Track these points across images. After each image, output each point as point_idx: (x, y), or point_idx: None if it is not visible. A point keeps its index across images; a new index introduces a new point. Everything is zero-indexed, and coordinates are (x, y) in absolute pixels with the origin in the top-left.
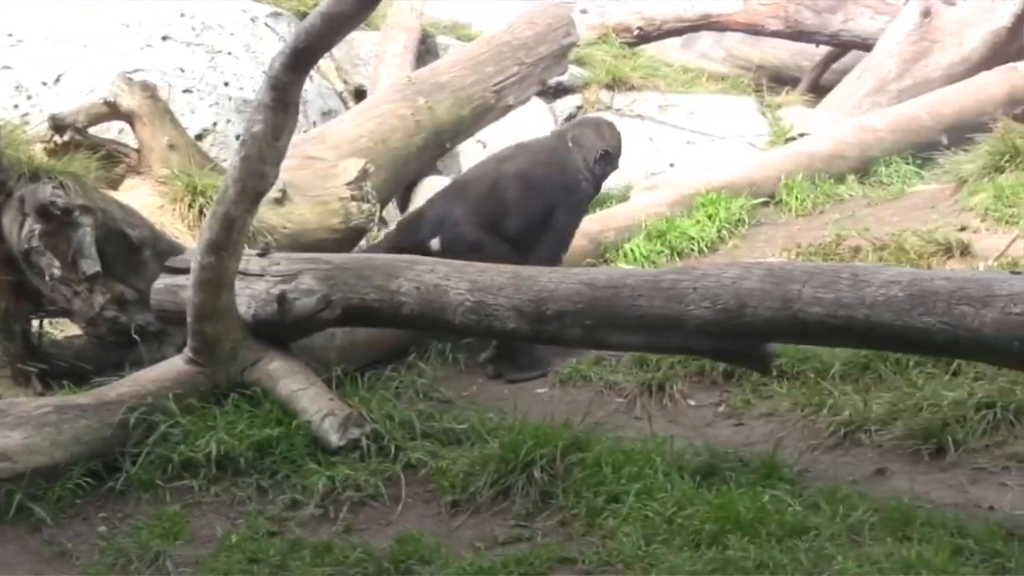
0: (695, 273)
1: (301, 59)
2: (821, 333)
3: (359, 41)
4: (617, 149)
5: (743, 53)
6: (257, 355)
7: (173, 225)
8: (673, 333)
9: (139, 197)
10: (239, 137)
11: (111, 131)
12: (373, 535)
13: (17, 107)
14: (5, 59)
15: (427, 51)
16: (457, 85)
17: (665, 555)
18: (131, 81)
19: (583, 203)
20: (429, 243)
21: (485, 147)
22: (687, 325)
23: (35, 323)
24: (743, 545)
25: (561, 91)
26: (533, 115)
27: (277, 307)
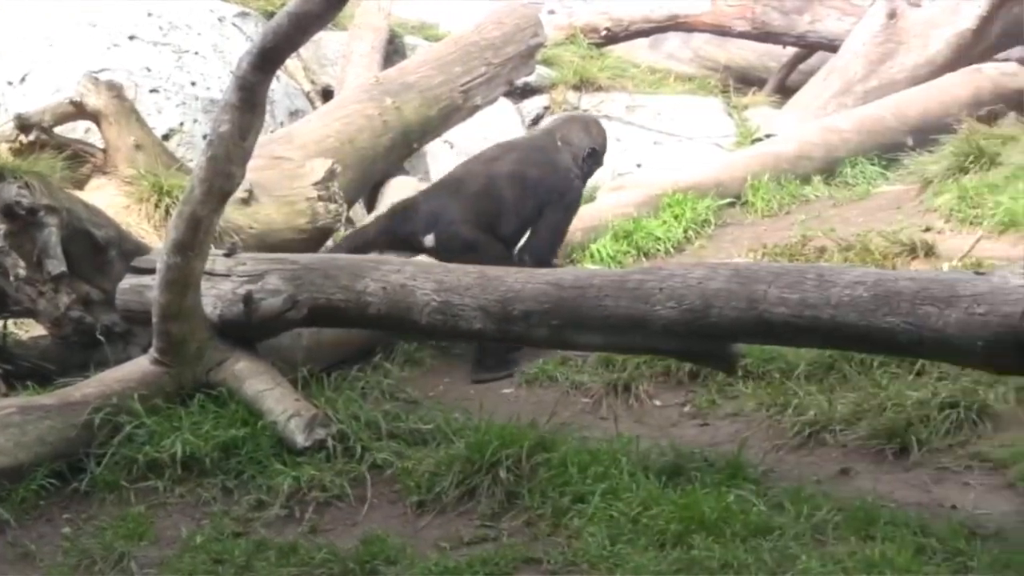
0: (661, 273)
1: (268, 59)
2: (786, 333)
3: (326, 41)
4: (603, 147)
5: (710, 54)
6: (223, 355)
7: (139, 225)
8: (639, 333)
9: (105, 197)
10: (206, 137)
11: (77, 131)
12: (339, 535)
13: None
14: None
15: (395, 51)
16: (424, 85)
17: (630, 555)
18: (97, 81)
19: (576, 201)
20: (423, 238)
21: (452, 147)
22: (653, 325)
23: None
24: (708, 545)
25: (528, 91)
26: (500, 115)
27: (243, 307)
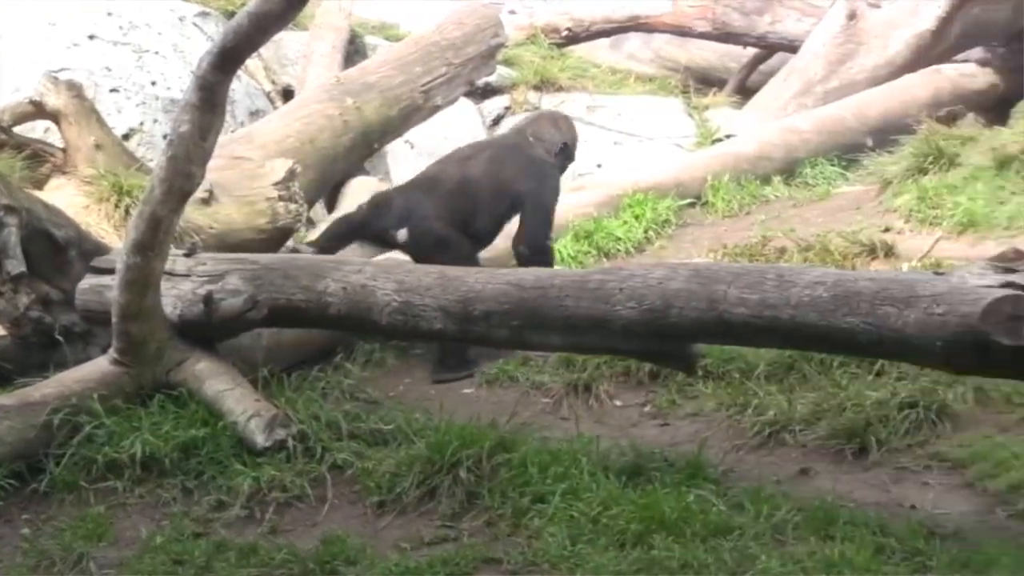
0: (622, 274)
1: (228, 59)
2: (746, 333)
3: (287, 41)
4: (574, 141)
5: (671, 54)
6: (183, 355)
7: (99, 225)
8: (599, 333)
9: (65, 197)
10: (166, 137)
11: (37, 130)
12: (299, 536)
13: None
14: None
15: (355, 51)
16: (385, 85)
17: (590, 555)
18: (57, 80)
19: (557, 187)
20: (395, 232)
21: (413, 148)
22: (613, 325)
23: None
24: (668, 545)
25: (489, 92)
26: (461, 116)
27: (203, 307)
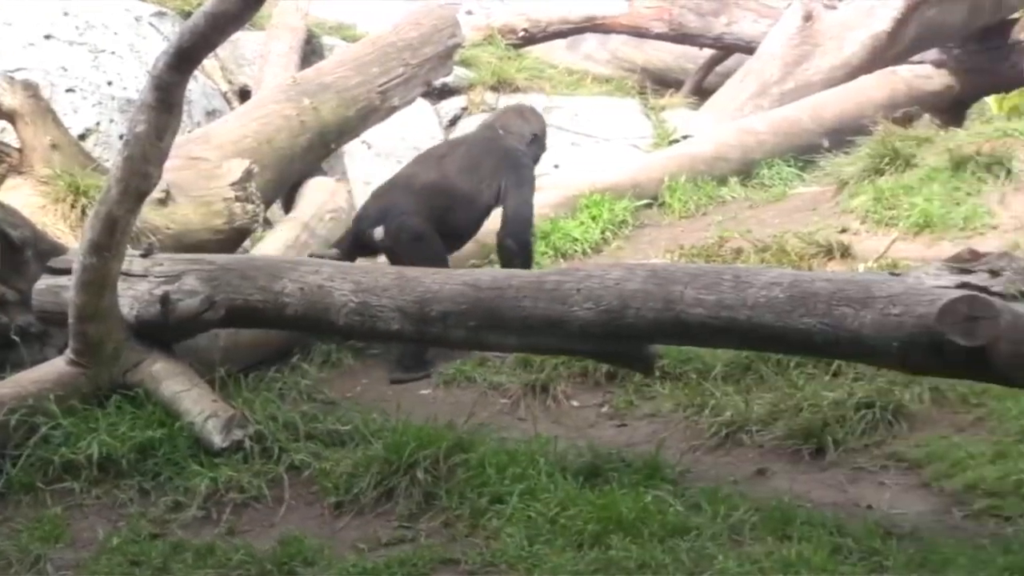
0: (579, 274)
1: (185, 59)
2: (703, 334)
3: (244, 41)
4: (544, 131)
5: (628, 55)
6: (140, 356)
7: (55, 225)
8: (557, 334)
9: (20, 197)
10: (122, 137)
11: None
12: (256, 537)
13: None
14: None
15: (312, 52)
16: (342, 86)
17: (548, 555)
18: (13, 80)
19: (533, 177)
20: (373, 231)
21: (370, 148)
22: (571, 326)
23: None
24: (625, 545)
25: (446, 92)
26: (418, 116)
27: (160, 308)
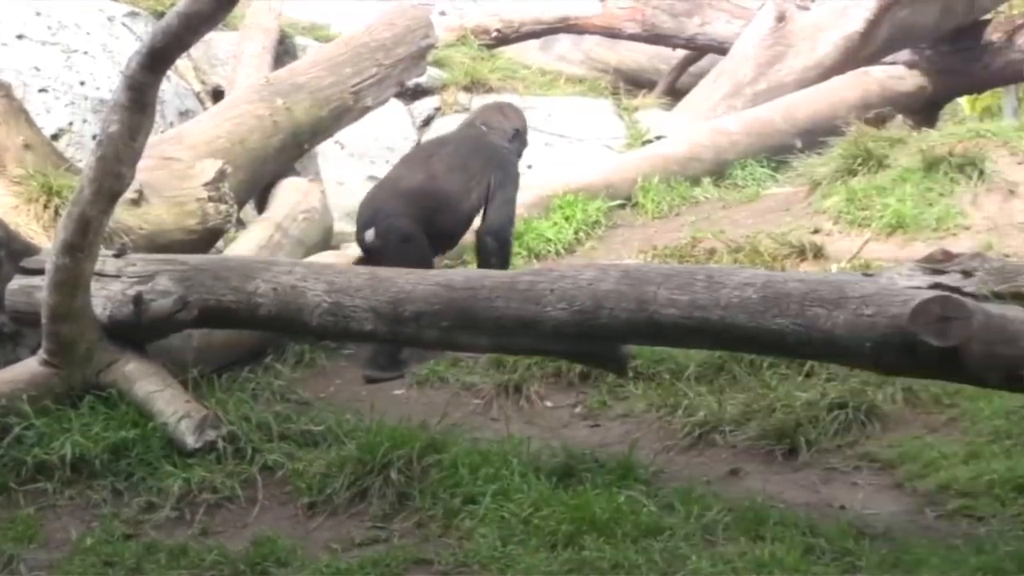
0: (552, 275)
1: (158, 59)
2: (676, 334)
3: (217, 41)
4: (524, 127)
5: (601, 56)
6: (113, 357)
7: (28, 226)
8: (530, 335)
9: None
10: (95, 137)
11: None
12: (229, 537)
13: None
14: None
15: (285, 52)
16: (315, 86)
17: (521, 556)
18: None
19: (518, 175)
20: (364, 234)
21: (343, 148)
22: (544, 327)
23: None
24: (599, 546)
25: (420, 93)
26: (392, 117)
27: (133, 308)
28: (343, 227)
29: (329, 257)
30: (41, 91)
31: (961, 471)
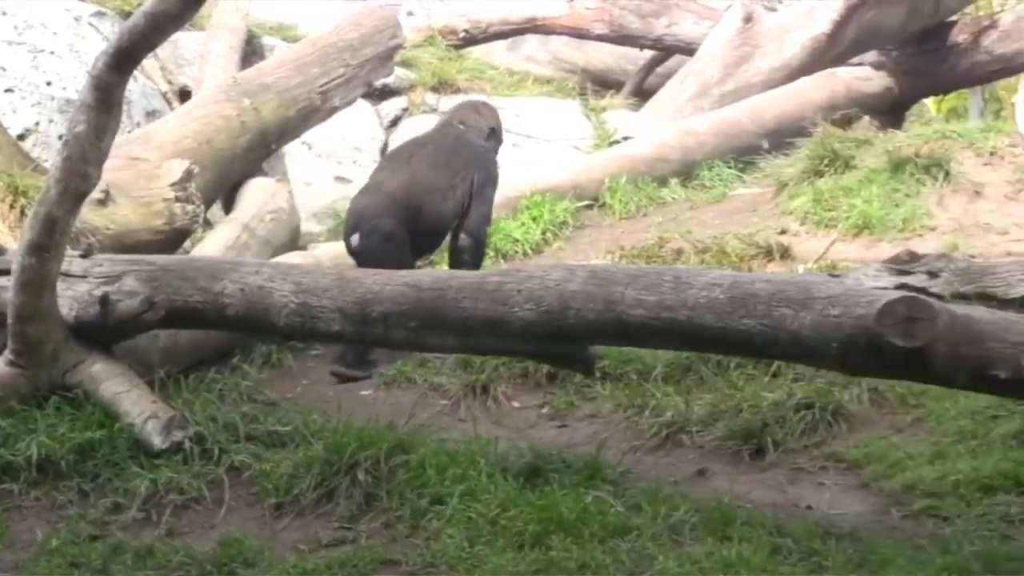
0: (520, 275)
1: (125, 59)
2: (644, 335)
3: (184, 41)
4: (499, 125)
5: (568, 56)
6: (79, 357)
7: None
8: (497, 335)
9: None
10: (62, 137)
11: None
12: (196, 538)
13: None
14: None
15: (253, 52)
16: (283, 86)
17: (489, 556)
18: None
19: (497, 175)
20: (350, 239)
21: (311, 149)
22: (511, 327)
23: None
24: (566, 546)
25: (387, 93)
26: (359, 117)
27: (100, 309)
28: (310, 227)
29: (296, 257)
30: (7, 91)
31: (927, 471)
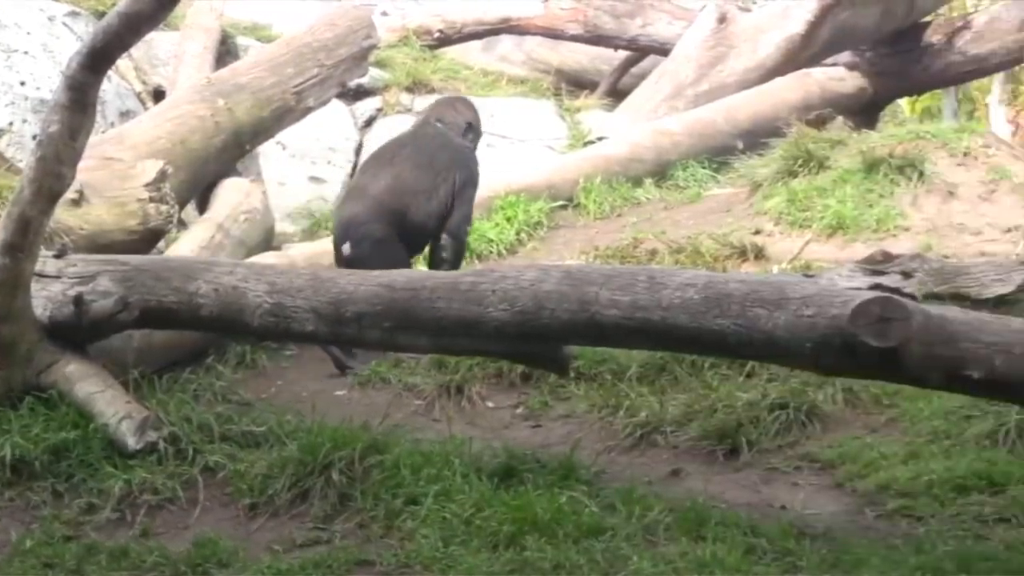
0: (494, 275)
1: (99, 59)
2: (618, 335)
3: (158, 41)
4: (477, 120)
5: (543, 56)
6: (53, 357)
7: None
8: (472, 335)
9: None
10: (36, 137)
11: None
12: (170, 539)
13: None
14: None
15: (227, 52)
16: (257, 86)
17: (463, 556)
18: None
19: (478, 174)
20: (342, 247)
21: (285, 149)
22: (486, 327)
23: None
24: (540, 546)
25: (362, 93)
26: (333, 117)
27: (74, 309)
28: (284, 227)
29: (270, 258)
30: None
31: (901, 471)
